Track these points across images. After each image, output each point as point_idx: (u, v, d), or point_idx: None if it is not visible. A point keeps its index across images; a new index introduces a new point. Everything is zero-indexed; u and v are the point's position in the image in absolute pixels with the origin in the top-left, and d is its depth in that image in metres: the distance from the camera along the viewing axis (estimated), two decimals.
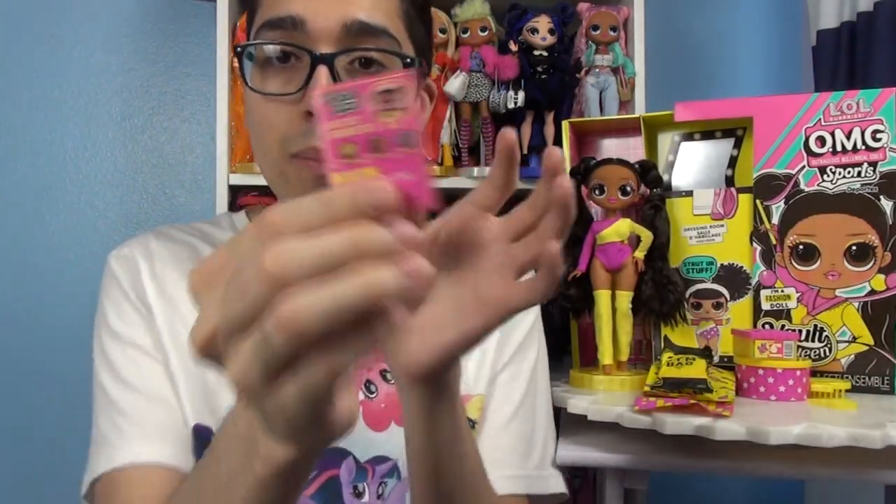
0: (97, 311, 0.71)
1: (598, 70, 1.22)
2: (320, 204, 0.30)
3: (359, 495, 0.67)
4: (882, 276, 0.85)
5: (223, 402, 0.65)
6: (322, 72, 0.59)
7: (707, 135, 0.98)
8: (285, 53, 0.61)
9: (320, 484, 0.66)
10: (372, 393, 0.70)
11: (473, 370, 0.72)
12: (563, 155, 0.43)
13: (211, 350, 0.33)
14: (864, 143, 0.86)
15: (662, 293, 0.88)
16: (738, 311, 0.90)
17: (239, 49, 0.62)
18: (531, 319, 0.79)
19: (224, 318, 0.31)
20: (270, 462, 0.39)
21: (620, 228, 0.89)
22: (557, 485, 0.75)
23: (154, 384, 0.65)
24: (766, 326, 0.89)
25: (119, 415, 0.65)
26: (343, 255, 0.29)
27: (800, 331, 0.87)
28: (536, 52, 1.20)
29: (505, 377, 0.74)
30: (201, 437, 0.64)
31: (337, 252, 0.29)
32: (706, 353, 0.89)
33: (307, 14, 0.60)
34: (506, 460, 0.70)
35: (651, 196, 0.91)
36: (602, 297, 0.89)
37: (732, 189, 0.92)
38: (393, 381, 0.70)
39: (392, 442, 0.68)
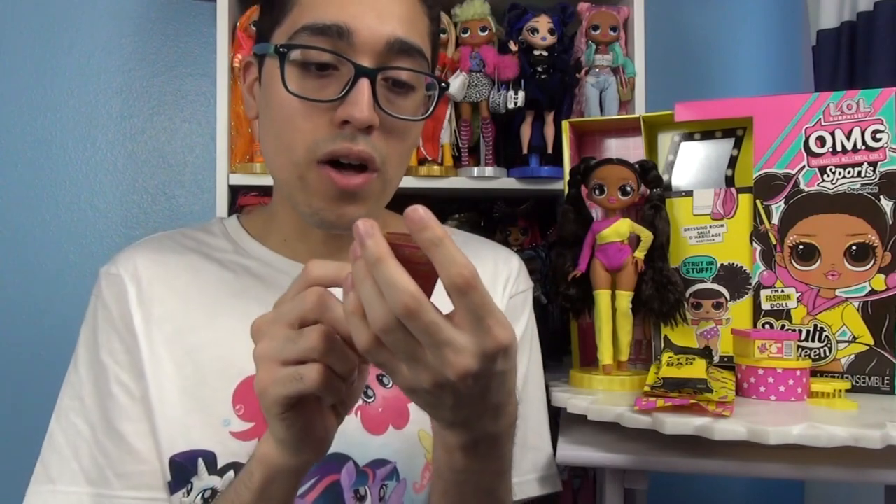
0: (84, 328, 0.72)
1: (598, 70, 1.22)
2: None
3: (361, 499, 0.67)
4: (882, 276, 0.85)
5: (195, 431, 0.66)
6: (364, 85, 0.61)
7: (707, 135, 0.97)
8: (326, 62, 0.62)
9: (321, 490, 0.66)
10: (369, 398, 0.70)
11: None
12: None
13: (256, 331, 0.50)
14: (864, 143, 0.86)
15: (662, 293, 0.88)
16: (738, 311, 0.90)
17: (283, 49, 0.62)
18: (522, 327, 0.80)
19: (280, 314, 0.49)
20: (264, 463, 0.51)
21: (620, 228, 0.89)
22: (554, 485, 0.78)
23: (133, 429, 0.67)
24: (766, 326, 0.89)
25: (103, 456, 0.67)
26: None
27: (800, 331, 0.87)
28: (536, 52, 1.20)
29: None
30: (181, 468, 0.66)
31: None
32: (706, 353, 0.89)
33: (354, 25, 0.61)
34: None
35: (651, 196, 0.91)
36: (602, 297, 0.89)
37: (732, 189, 0.92)
38: (390, 386, 0.71)
39: (390, 445, 0.69)
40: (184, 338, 0.68)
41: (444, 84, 0.68)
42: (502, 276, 0.80)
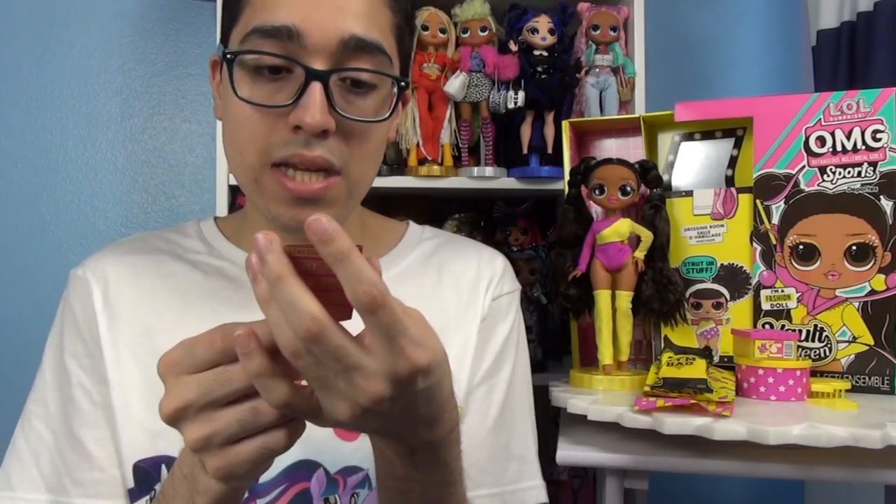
0: (52, 331, 0.71)
1: (598, 70, 1.22)
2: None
3: None
4: (882, 276, 0.85)
5: (161, 438, 0.65)
6: (316, 89, 0.58)
7: (707, 135, 0.97)
8: (277, 65, 0.60)
9: (290, 498, 0.65)
10: None
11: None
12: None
13: (176, 417, 0.44)
14: (864, 143, 0.86)
15: (662, 293, 0.88)
16: (738, 311, 0.90)
17: (230, 56, 0.60)
18: (506, 329, 0.76)
19: (203, 395, 0.43)
20: (209, 495, 0.47)
21: (620, 228, 0.89)
22: (538, 496, 0.74)
23: (92, 436, 0.66)
24: (766, 326, 0.89)
25: (62, 463, 0.66)
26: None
27: (800, 331, 0.87)
28: (536, 52, 1.20)
29: (481, 392, 0.72)
30: (145, 475, 0.65)
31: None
32: (706, 353, 0.89)
33: (304, 26, 0.58)
34: (481, 479, 0.70)
35: (651, 196, 0.91)
36: (602, 297, 0.89)
37: (732, 189, 0.92)
38: None
39: (363, 451, 0.66)
40: (152, 339, 0.67)
41: (403, 83, 0.64)
42: (485, 277, 0.77)
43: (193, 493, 0.48)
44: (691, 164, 0.98)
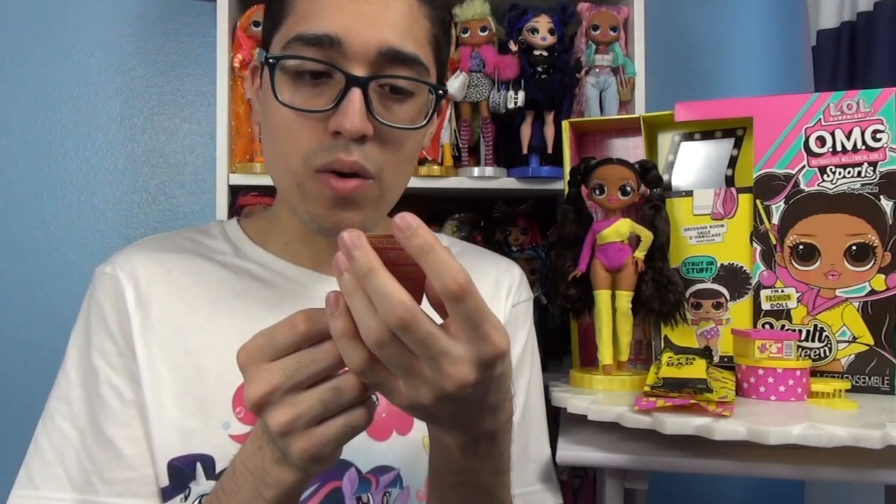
0: (76, 329, 0.71)
1: (598, 70, 1.22)
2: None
3: None
4: (882, 276, 0.85)
5: (194, 436, 0.65)
6: (356, 95, 0.59)
7: (707, 135, 0.97)
8: (318, 71, 0.61)
9: (322, 497, 0.66)
10: (373, 402, 0.69)
11: None
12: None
13: (262, 403, 0.45)
14: (864, 143, 0.86)
15: (662, 293, 0.88)
16: (738, 311, 0.90)
17: (272, 60, 0.61)
18: (524, 336, 0.80)
19: (288, 378, 0.44)
20: (279, 486, 0.48)
21: (620, 228, 0.89)
22: (555, 497, 0.78)
23: (122, 434, 0.66)
24: (766, 326, 0.89)
25: (90, 462, 0.66)
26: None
27: (800, 331, 0.87)
28: (536, 52, 1.20)
29: None
30: (180, 473, 0.65)
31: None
32: (706, 353, 0.89)
33: (346, 34, 0.60)
34: None
35: (651, 196, 0.91)
36: (602, 297, 0.89)
37: (732, 189, 0.92)
38: None
39: (394, 451, 0.68)
40: (184, 338, 0.67)
41: (440, 91, 0.66)
42: (504, 285, 0.80)
43: (260, 487, 0.49)
44: (691, 164, 0.98)
